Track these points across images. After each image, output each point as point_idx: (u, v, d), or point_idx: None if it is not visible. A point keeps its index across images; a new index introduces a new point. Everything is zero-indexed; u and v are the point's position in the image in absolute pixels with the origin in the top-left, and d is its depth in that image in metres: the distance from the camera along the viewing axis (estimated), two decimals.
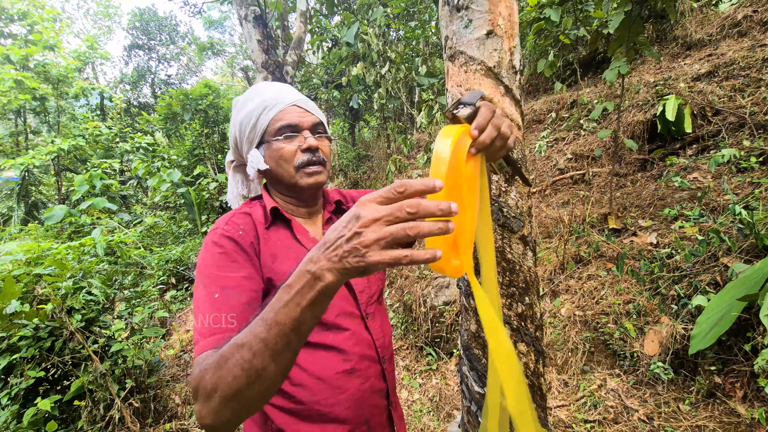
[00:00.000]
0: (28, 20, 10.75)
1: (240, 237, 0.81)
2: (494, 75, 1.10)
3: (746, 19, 4.66)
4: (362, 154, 8.49)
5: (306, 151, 0.88)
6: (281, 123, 0.88)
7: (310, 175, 0.88)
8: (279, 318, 0.52)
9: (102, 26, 20.00)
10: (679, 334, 2.28)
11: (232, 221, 0.85)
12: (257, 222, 0.87)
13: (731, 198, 2.73)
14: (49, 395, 2.30)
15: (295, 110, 0.89)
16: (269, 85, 0.95)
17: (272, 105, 0.89)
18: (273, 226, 0.89)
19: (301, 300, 0.51)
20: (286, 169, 0.88)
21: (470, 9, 1.09)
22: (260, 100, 0.90)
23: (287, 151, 0.88)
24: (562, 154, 4.88)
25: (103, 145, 9.95)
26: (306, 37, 5.18)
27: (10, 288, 2.13)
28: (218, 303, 0.71)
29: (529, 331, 1.16)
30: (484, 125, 0.63)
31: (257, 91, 0.93)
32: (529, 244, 1.17)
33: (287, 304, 0.51)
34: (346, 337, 0.85)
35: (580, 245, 3.30)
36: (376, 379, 0.89)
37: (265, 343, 0.52)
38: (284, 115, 0.88)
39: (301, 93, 0.97)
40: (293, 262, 0.83)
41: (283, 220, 0.91)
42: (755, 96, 3.60)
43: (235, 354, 0.54)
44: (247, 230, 0.84)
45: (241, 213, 0.88)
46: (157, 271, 5.45)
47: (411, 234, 0.45)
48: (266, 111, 0.89)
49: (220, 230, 0.82)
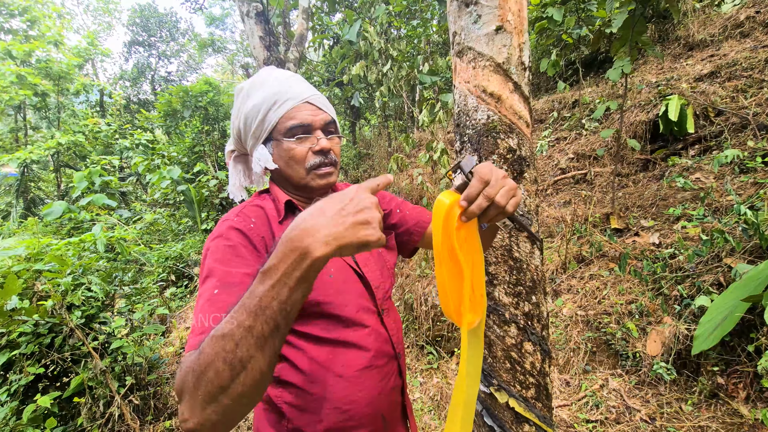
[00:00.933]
0: (29, 16, 10.70)
1: (250, 230, 0.78)
2: (503, 71, 1.09)
3: (749, 20, 4.65)
4: (363, 153, 8.47)
5: (318, 153, 0.85)
6: (293, 122, 0.83)
7: (323, 177, 0.86)
8: (264, 302, 0.48)
9: (102, 22, 19.92)
10: (681, 334, 2.28)
11: (243, 213, 0.82)
12: (270, 216, 0.84)
13: (734, 198, 2.72)
14: (49, 392, 2.29)
15: (307, 108, 0.84)
16: (278, 74, 0.88)
17: (283, 100, 0.83)
18: (286, 221, 0.85)
19: (287, 280, 0.48)
20: (296, 170, 0.85)
21: (479, 4, 1.08)
22: (269, 92, 0.84)
23: (299, 152, 0.84)
24: (564, 154, 4.87)
25: (102, 141, 9.92)
26: (308, 35, 5.16)
27: (11, 284, 2.11)
28: (216, 300, 0.65)
29: (536, 330, 1.15)
30: (473, 197, 0.63)
31: (264, 80, 0.87)
32: (536, 243, 1.16)
33: (273, 287, 0.48)
34: (367, 333, 0.84)
35: (582, 245, 3.30)
36: (393, 375, 0.88)
37: (250, 330, 0.48)
38: (296, 113, 0.83)
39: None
40: None
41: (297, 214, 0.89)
42: (758, 97, 3.59)
43: (215, 346, 0.49)
44: (258, 224, 0.80)
45: (253, 205, 0.85)
46: (157, 268, 5.43)
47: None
48: (276, 106, 0.83)
49: (230, 221, 0.79)
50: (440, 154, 3.75)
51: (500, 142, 1.11)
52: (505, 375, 1.14)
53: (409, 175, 5.56)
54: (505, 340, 1.14)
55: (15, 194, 9.64)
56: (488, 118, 1.11)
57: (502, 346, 1.15)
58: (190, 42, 17.78)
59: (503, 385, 1.13)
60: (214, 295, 0.66)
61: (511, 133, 1.11)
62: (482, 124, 1.12)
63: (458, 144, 1.21)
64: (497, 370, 1.15)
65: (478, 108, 1.12)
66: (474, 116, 1.13)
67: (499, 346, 1.15)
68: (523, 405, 1.11)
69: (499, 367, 1.15)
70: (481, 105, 1.11)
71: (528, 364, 1.14)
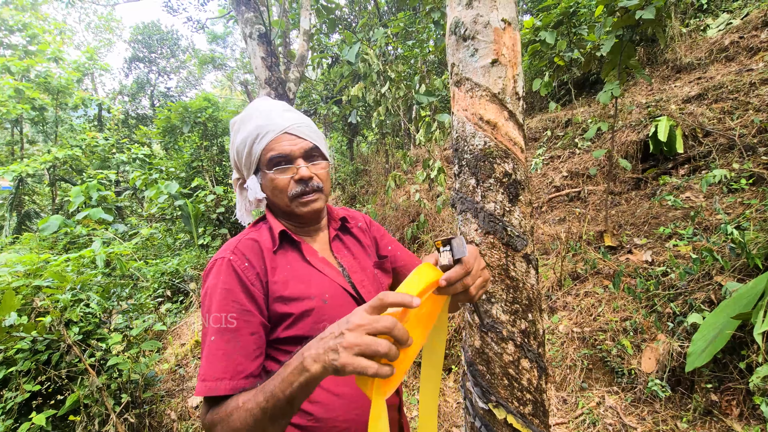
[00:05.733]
0: (28, 31, 10.84)
1: (244, 271, 0.82)
2: (499, 101, 1.15)
3: (733, 45, 4.85)
4: (360, 168, 8.57)
5: (299, 181, 0.88)
6: (272, 153, 0.87)
7: (305, 204, 0.90)
8: (276, 392, 0.62)
9: (103, 39, 20.20)
10: (675, 351, 2.31)
11: (239, 250, 0.85)
12: (264, 248, 0.88)
13: (723, 218, 2.80)
14: (43, 410, 2.26)
15: (286, 138, 0.88)
16: (263, 106, 0.93)
17: (263, 133, 0.87)
18: (281, 250, 0.90)
19: (293, 381, 0.60)
20: (281, 199, 0.90)
21: (476, 39, 1.16)
22: (253, 126, 0.89)
23: (280, 182, 0.88)
24: (558, 172, 4.97)
25: (99, 155, 9.94)
26: (308, 55, 5.30)
27: (9, 300, 2.11)
28: (214, 349, 0.77)
29: (532, 347, 1.19)
30: (453, 281, 0.68)
31: (251, 115, 0.91)
32: (532, 263, 1.21)
33: (283, 381, 0.61)
34: None
35: (576, 262, 3.35)
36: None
37: (264, 411, 0.63)
38: (275, 144, 0.87)
39: (300, 108, 0.98)
40: (304, 285, 0.86)
41: (291, 242, 0.92)
42: (743, 118, 3.72)
43: (241, 415, 0.66)
44: (253, 261, 0.84)
45: (248, 239, 0.89)
46: (152, 283, 5.41)
47: (381, 351, 0.54)
48: (258, 140, 0.88)
49: (228, 259, 0.83)
50: (437, 172, 3.83)
51: (496, 167, 1.17)
52: (503, 391, 1.17)
53: (406, 192, 5.63)
54: (502, 357, 1.18)
55: (8, 207, 9.59)
56: (485, 144, 1.17)
57: (500, 363, 1.18)
58: (190, 58, 18.04)
59: (501, 402, 1.16)
60: (212, 342, 0.77)
61: (506, 158, 1.17)
62: (479, 149, 1.18)
63: (456, 168, 1.26)
64: (495, 386, 1.18)
65: (476, 134, 1.18)
66: (472, 142, 1.19)
67: (497, 363, 1.18)
68: (521, 421, 1.14)
69: (497, 383, 1.18)
70: (478, 131, 1.18)
71: (525, 380, 1.17)
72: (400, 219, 5.31)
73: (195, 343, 4.20)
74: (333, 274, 0.91)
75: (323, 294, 0.86)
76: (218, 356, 0.75)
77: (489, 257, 1.18)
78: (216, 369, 0.74)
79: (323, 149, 0.95)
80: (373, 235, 1.12)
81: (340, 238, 1.02)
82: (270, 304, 0.82)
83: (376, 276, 1.01)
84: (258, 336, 0.80)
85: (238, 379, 0.74)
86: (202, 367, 0.76)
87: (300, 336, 0.82)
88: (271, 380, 0.64)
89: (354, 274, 0.95)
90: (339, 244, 1.01)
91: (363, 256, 1.02)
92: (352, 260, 0.99)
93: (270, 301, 0.83)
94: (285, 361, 0.82)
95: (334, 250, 0.99)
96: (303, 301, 0.83)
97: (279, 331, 0.82)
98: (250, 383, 0.75)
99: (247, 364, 0.76)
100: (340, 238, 1.02)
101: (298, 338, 0.82)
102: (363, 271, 0.98)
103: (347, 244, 1.03)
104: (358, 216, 1.14)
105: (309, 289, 0.85)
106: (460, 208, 1.26)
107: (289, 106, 0.96)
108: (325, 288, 0.87)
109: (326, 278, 0.89)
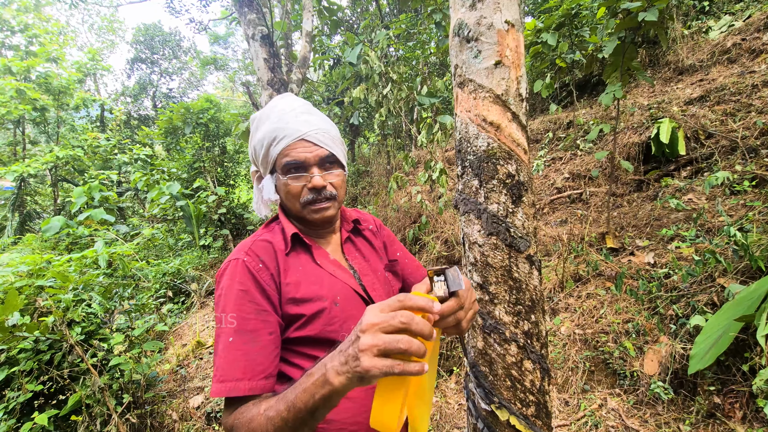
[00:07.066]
0: (29, 32, 10.87)
1: (259, 272, 0.83)
2: (502, 102, 1.15)
3: (735, 47, 4.84)
4: (362, 170, 8.57)
5: (312, 190, 0.88)
6: (287, 159, 0.87)
7: (317, 212, 0.90)
8: (297, 403, 0.61)
9: (105, 40, 20.27)
10: (678, 353, 2.31)
11: (252, 251, 0.86)
12: (277, 249, 0.88)
13: (726, 220, 2.79)
14: (45, 409, 2.27)
15: (302, 145, 0.87)
16: (282, 106, 0.92)
17: (280, 137, 0.87)
18: (293, 252, 0.90)
19: (315, 393, 0.59)
20: (293, 204, 0.90)
21: (480, 41, 1.16)
22: (271, 127, 0.88)
23: (293, 189, 0.88)
24: (560, 174, 4.97)
25: (101, 156, 9.96)
26: (310, 56, 5.31)
27: (12, 300, 2.12)
28: (232, 349, 0.76)
29: (535, 348, 1.19)
30: (446, 314, 0.67)
31: (269, 114, 0.92)
32: (535, 264, 1.21)
33: (305, 391, 0.60)
34: None
35: (578, 264, 3.35)
36: None
37: (285, 421, 0.62)
38: (290, 150, 0.87)
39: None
40: (316, 287, 0.86)
41: (303, 245, 0.93)
42: (746, 120, 3.72)
43: (261, 423, 0.65)
44: (267, 262, 0.85)
45: (261, 240, 0.89)
46: (154, 284, 5.42)
47: (402, 347, 0.51)
48: (275, 143, 0.88)
49: (242, 260, 0.83)
50: (439, 174, 3.83)
51: (500, 168, 1.17)
52: (506, 393, 1.17)
53: (407, 193, 5.63)
54: (505, 359, 1.18)
55: (10, 208, 9.61)
56: (488, 145, 1.17)
57: (503, 364, 1.18)
58: (192, 60, 18.09)
59: (504, 403, 1.16)
60: (230, 343, 0.76)
61: (510, 159, 1.17)
62: (483, 150, 1.18)
63: (459, 169, 1.27)
64: (498, 387, 1.18)
65: (479, 135, 1.18)
66: (475, 143, 1.20)
67: (500, 365, 1.18)
68: (524, 423, 1.14)
69: (500, 384, 1.17)
70: (481, 133, 1.18)
71: (528, 382, 1.17)
72: (401, 220, 5.31)
73: (196, 344, 4.20)
74: (344, 276, 0.92)
75: (335, 296, 0.86)
76: (237, 356, 0.75)
77: (492, 258, 1.19)
78: (235, 370, 0.74)
79: (340, 157, 0.93)
80: (383, 239, 1.13)
81: (351, 241, 1.03)
82: (282, 305, 0.83)
83: (387, 279, 1.02)
84: (276, 336, 0.80)
85: (258, 379, 0.74)
86: (218, 368, 0.75)
87: (311, 337, 0.82)
88: (293, 388, 0.63)
89: (365, 277, 0.96)
90: (351, 247, 1.02)
91: (374, 259, 1.03)
92: (363, 263, 0.99)
93: (282, 303, 0.83)
94: (295, 362, 0.83)
95: (346, 253, 0.99)
96: (314, 302, 0.84)
97: (290, 332, 0.83)
98: (270, 384, 0.75)
99: (267, 364, 0.77)
100: (351, 241, 1.03)
101: (309, 339, 0.82)
102: (374, 274, 0.98)
103: (359, 246, 1.03)
104: (369, 218, 1.14)
105: (320, 291, 0.86)
106: (463, 209, 1.26)
107: (310, 107, 0.95)
108: (337, 290, 0.88)
109: (337, 281, 0.90)
